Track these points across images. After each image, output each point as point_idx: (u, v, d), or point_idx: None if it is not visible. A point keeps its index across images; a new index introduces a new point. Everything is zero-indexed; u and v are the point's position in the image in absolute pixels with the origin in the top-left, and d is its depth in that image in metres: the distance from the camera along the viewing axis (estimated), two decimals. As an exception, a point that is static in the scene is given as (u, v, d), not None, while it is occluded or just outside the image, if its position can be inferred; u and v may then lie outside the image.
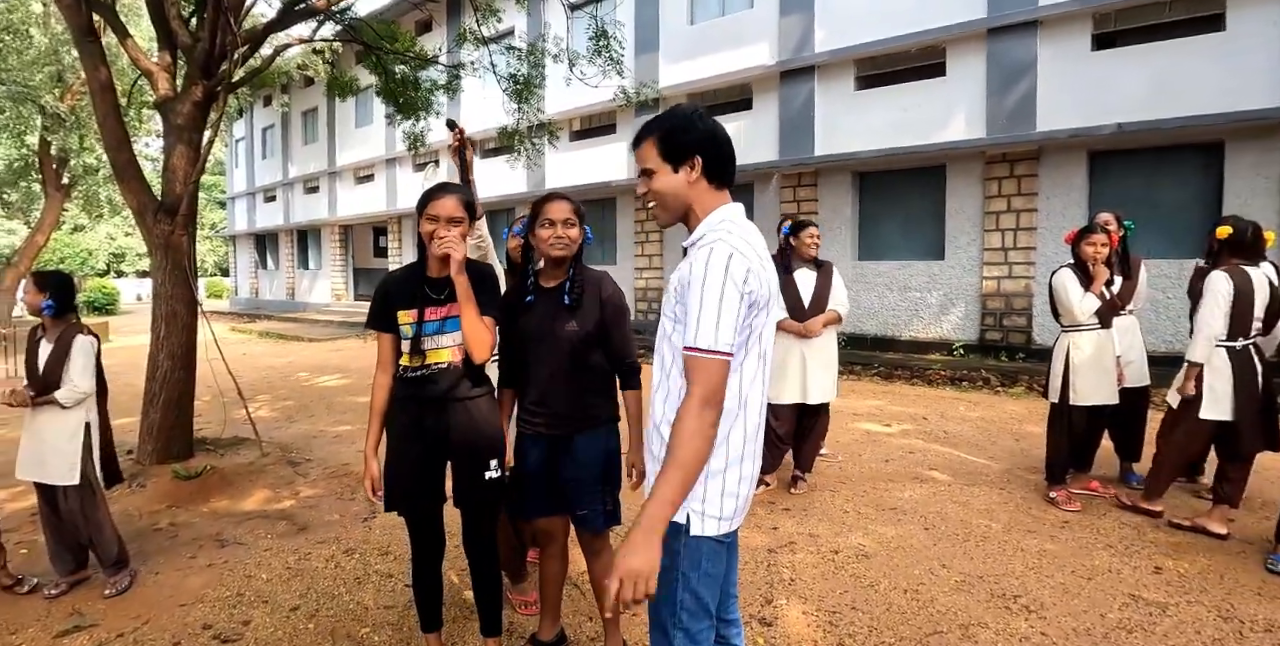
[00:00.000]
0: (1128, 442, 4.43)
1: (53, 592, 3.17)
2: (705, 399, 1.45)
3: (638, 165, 1.68)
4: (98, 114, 5.17)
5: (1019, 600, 2.96)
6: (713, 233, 1.59)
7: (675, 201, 1.64)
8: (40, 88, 15.24)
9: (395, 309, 2.29)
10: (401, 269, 2.39)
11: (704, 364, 1.46)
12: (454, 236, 2.18)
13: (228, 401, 6.21)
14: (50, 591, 3.18)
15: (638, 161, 1.68)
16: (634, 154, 1.68)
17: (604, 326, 2.31)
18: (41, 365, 3.16)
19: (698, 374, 1.46)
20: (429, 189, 2.27)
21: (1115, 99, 8.62)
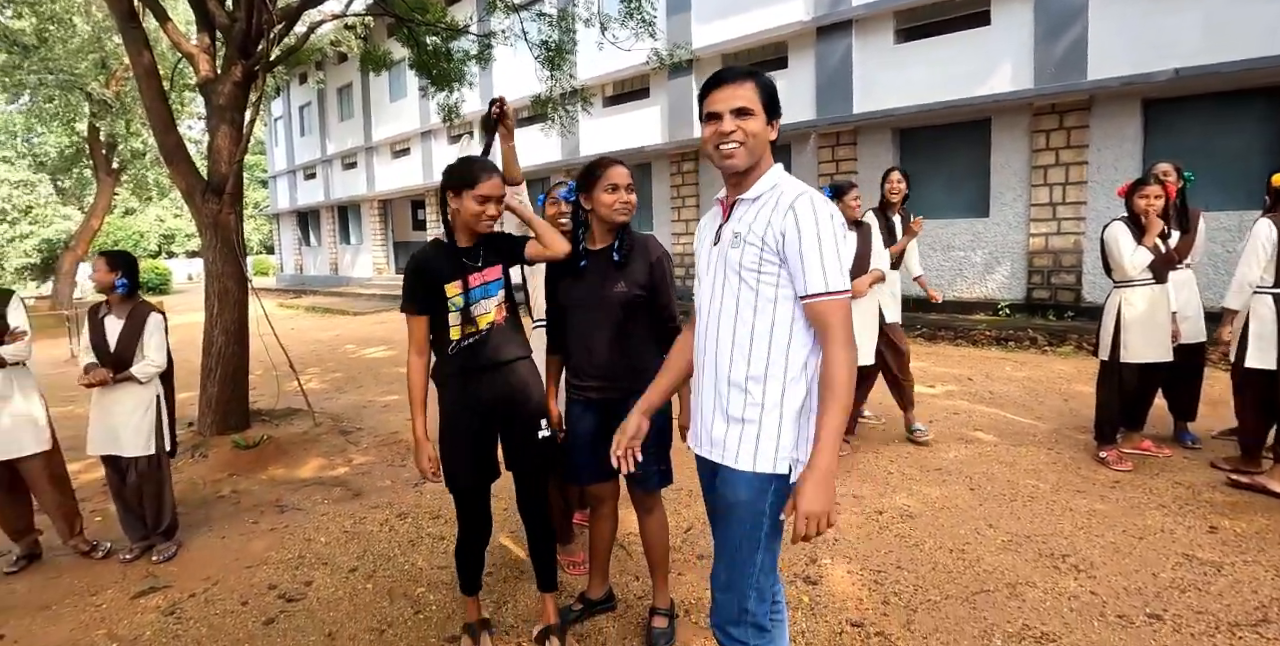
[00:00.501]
0: (1182, 401, 4.30)
1: (127, 557, 3.38)
2: (847, 340, 1.52)
3: (729, 103, 1.60)
4: (144, 98, 5.28)
5: (1067, 559, 2.94)
6: (789, 184, 1.62)
7: (758, 149, 1.62)
8: (86, 75, 15.61)
9: (441, 284, 2.30)
10: (429, 247, 2.38)
11: (838, 306, 1.53)
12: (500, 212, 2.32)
13: (280, 374, 6.42)
14: (125, 556, 3.39)
15: (733, 99, 1.59)
16: (728, 89, 1.60)
17: (652, 287, 2.33)
18: (114, 342, 3.31)
19: (835, 317, 1.53)
20: (468, 167, 2.27)
21: (1171, 43, 8.16)
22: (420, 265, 2.33)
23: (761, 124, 1.61)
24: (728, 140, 1.60)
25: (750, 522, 1.63)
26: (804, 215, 1.55)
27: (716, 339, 1.68)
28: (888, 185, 4.70)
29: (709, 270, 1.73)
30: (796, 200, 1.57)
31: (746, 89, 1.60)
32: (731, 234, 1.65)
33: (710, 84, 1.64)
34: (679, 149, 13.29)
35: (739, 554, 1.65)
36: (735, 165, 1.62)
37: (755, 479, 1.62)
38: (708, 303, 1.72)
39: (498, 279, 2.38)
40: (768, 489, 1.61)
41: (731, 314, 1.65)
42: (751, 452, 1.62)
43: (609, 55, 9.74)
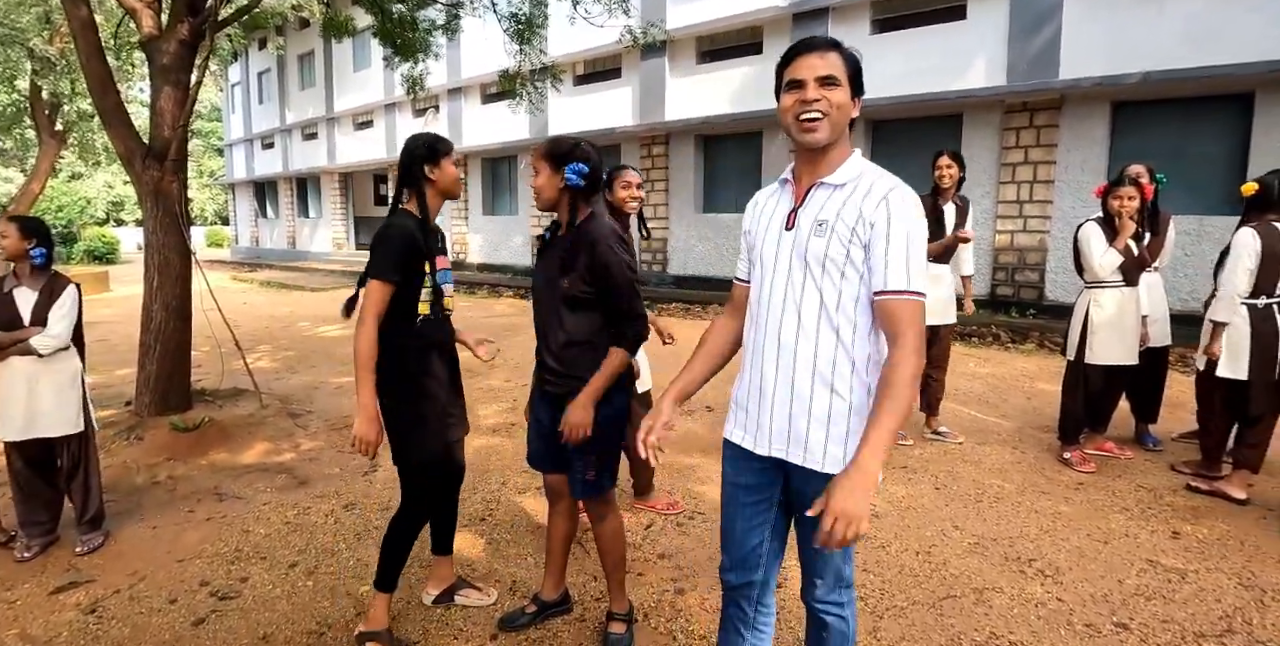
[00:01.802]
0: (1145, 403, 4.31)
1: (25, 556, 3.07)
2: (919, 345, 1.43)
3: (815, 70, 1.47)
4: (80, 55, 4.91)
5: (1034, 564, 2.90)
6: (876, 172, 1.53)
7: (840, 123, 1.51)
8: (28, 30, 14.73)
9: (425, 257, 2.29)
10: (404, 217, 2.30)
11: (916, 307, 1.44)
12: None
13: (226, 352, 6.13)
14: (23, 554, 3.08)
15: (819, 67, 1.47)
16: (814, 57, 1.48)
17: (593, 285, 2.12)
18: (28, 316, 3.04)
19: (912, 318, 1.43)
20: (436, 137, 2.34)
21: (1144, 46, 8.22)
22: (413, 235, 2.26)
23: (846, 96, 1.50)
24: (810, 110, 1.48)
25: None
26: (897, 207, 1.46)
27: (797, 333, 1.55)
28: (936, 171, 4.31)
29: (779, 258, 1.59)
30: (892, 191, 1.47)
31: (833, 58, 1.49)
32: (814, 222, 1.52)
33: (793, 51, 1.52)
34: (650, 131, 13.09)
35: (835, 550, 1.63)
36: (817, 139, 1.50)
37: None
38: (780, 294, 1.58)
39: (449, 269, 2.45)
40: None
41: (815, 307, 1.53)
42: (840, 457, 1.52)
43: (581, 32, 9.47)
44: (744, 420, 1.69)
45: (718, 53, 12.72)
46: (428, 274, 2.29)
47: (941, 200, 4.35)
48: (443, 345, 2.42)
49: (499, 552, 3.07)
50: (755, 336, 1.65)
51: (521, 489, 3.77)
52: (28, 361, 3.03)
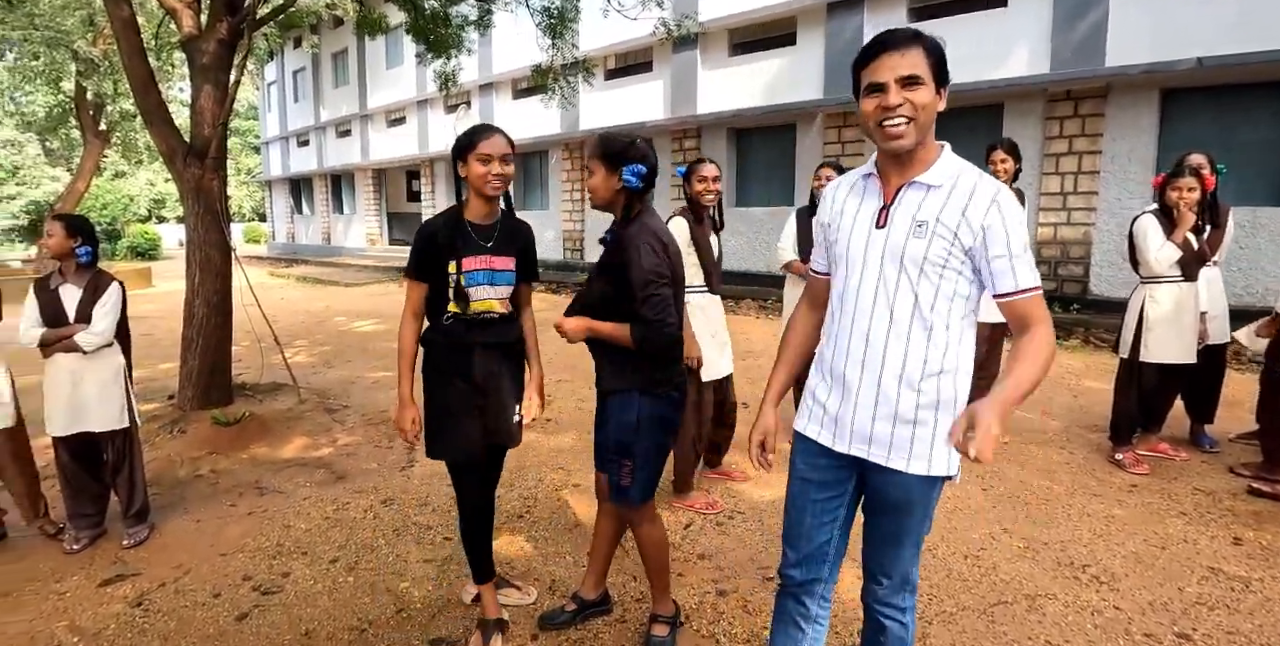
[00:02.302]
0: (1202, 403, 4.14)
1: (74, 548, 3.13)
2: (1052, 330, 1.46)
3: (895, 71, 1.41)
4: (121, 55, 4.99)
5: (1088, 569, 2.79)
6: (971, 170, 1.50)
7: (927, 123, 1.45)
8: (72, 32, 15.08)
9: (443, 257, 2.20)
10: (441, 215, 2.26)
11: (1042, 301, 1.47)
12: (509, 174, 2.20)
13: (265, 347, 6.21)
14: (72, 546, 3.14)
15: (899, 67, 1.41)
16: (893, 56, 1.42)
17: (621, 289, 2.05)
18: (73, 312, 3.08)
19: (1042, 309, 1.46)
20: (473, 129, 2.19)
21: (1196, 30, 7.91)
22: (429, 234, 2.24)
23: (931, 94, 1.43)
24: (894, 116, 1.42)
25: (919, 517, 1.61)
26: (1009, 210, 1.44)
27: (888, 334, 1.52)
28: (990, 166, 4.11)
29: (869, 257, 1.55)
30: (999, 193, 1.45)
31: (914, 55, 1.41)
32: (912, 222, 1.48)
33: (870, 50, 1.46)
34: (681, 125, 12.98)
35: (904, 545, 1.64)
36: (903, 145, 1.45)
37: (924, 481, 1.55)
38: (869, 293, 1.55)
39: (508, 271, 2.29)
40: (936, 484, 1.58)
41: (908, 309, 1.50)
42: (926, 456, 1.53)
43: (612, 26, 9.43)
44: (821, 416, 1.66)
45: (750, 44, 12.55)
46: (451, 274, 2.20)
47: None
48: (473, 347, 2.25)
49: (538, 550, 3.05)
50: (839, 335, 1.62)
51: (559, 486, 3.75)
52: (73, 358, 3.08)
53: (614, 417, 2.16)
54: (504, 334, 2.31)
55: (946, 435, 1.48)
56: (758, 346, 7.57)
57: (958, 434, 1.27)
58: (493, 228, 2.27)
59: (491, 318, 2.27)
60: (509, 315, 2.33)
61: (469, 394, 2.27)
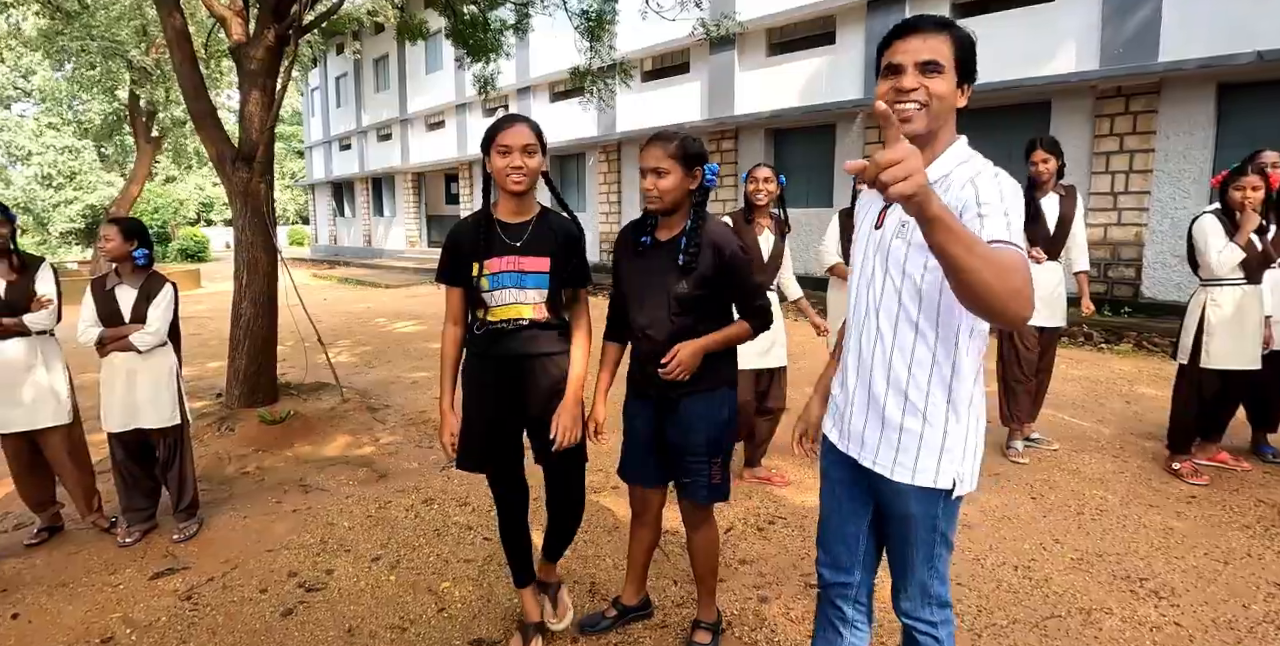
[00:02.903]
0: (1265, 411, 3.96)
1: (126, 541, 3.22)
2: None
3: (916, 54, 1.36)
4: (174, 62, 5.14)
5: (1145, 583, 2.69)
6: (977, 166, 1.40)
7: (942, 114, 1.38)
8: (127, 42, 15.60)
9: (469, 260, 2.10)
10: (469, 217, 2.19)
11: (1017, 254, 1.30)
12: (534, 167, 2.02)
13: (309, 347, 6.33)
14: (125, 539, 3.23)
15: (921, 51, 1.35)
16: (917, 39, 1.36)
17: (722, 286, 2.07)
18: (128, 313, 3.17)
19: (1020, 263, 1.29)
20: (496, 121, 2.06)
21: (1255, 23, 7.60)
22: (455, 236, 2.17)
23: (951, 85, 1.37)
24: (905, 99, 1.35)
25: (922, 530, 1.51)
26: (985, 185, 1.32)
27: (876, 338, 1.49)
28: (1032, 166, 3.99)
29: (865, 259, 1.53)
30: (979, 175, 1.35)
31: (939, 41, 1.35)
32: (898, 222, 1.42)
33: (896, 32, 1.39)
34: (719, 126, 12.92)
35: (911, 558, 1.56)
36: (912, 129, 1.37)
37: (920, 493, 1.48)
38: (863, 296, 1.53)
39: (539, 273, 2.09)
40: (936, 498, 1.48)
41: (893, 311, 1.45)
42: (910, 465, 1.46)
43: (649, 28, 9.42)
44: (835, 414, 1.66)
45: (788, 44, 12.44)
46: (474, 276, 2.08)
47: (1039, 193, 4.01)
48: (500, 358, 2.13)
49: (576, 553, 3.04)
50: (848, 335, 1.62)
51: (596, 488, 3.74)
52: (127, 357, 3.17)
53: (704, 417, 2.11)
54: (536, 343, 2.12)
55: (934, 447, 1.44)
56: (795, 350, 7.47)
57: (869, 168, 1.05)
58: (524, 226, 2.11)
59: (521, 324, 2.10)
60: (548, 323, 2.13)
61: (492, 407, 2.16)
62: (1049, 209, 4.01)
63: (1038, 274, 3.95)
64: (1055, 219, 3.99)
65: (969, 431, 1.47)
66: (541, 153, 2.05)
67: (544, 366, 2.15)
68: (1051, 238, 3.97)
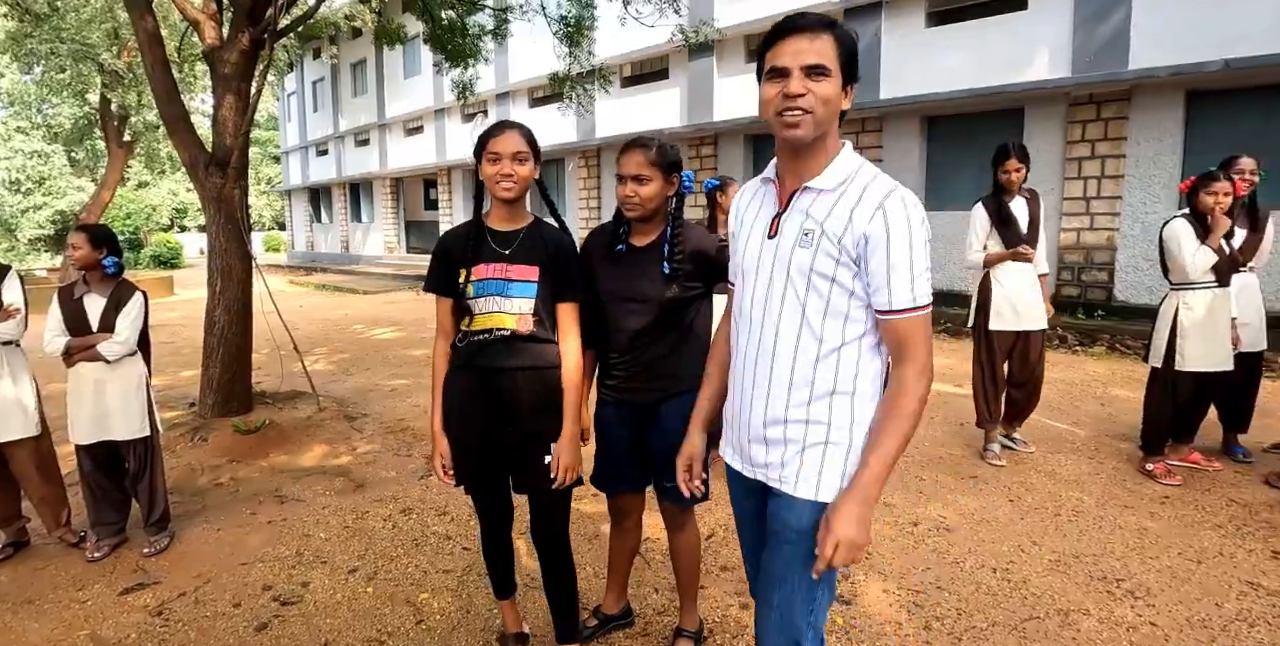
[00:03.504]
0: (1236, 412, 4.03)
1: (95, 556, 3.14)
2: (927, 364, 1.35)
3: (801, 58, 1.29)
4: (146, 66, 5.05)
5: (1121, 584, 2.72)
6: (869, 172, 1.37)
7: (829, 117, 1.33)
8: (98, 45, 15.35)
9: (458, 267, 2.04)
10: (461, 224, 2.14)
11: (923, 322, 1.34)
12: (524, 174, 1.98)
13: (285, 355, 6.25)
14: (94, 554, 3.15)
15: (806, 53, 1.29)
16: (800, 40, 1.29)
17: (709, 279, 2.09)
18: (96, 322, 3.10)
19: (919, 335, 1.34)
20: (488, 127, 2.02)
21: (1223, 32, 7.78)
22: (445, 242, 2.11)
23: (836, 88, 1.31)
24: (794, 107, 1.30)
25: (808, 551, 1.39)
26: (895, 217, 1.30)
27: (774, 351, 1.43)
28: (1004, 174, 3.95)
29: (760, 268, 1.46)
30: (887, 198, 1.31)
31: (824, 42, 1.29)
32: (800, 231, 1.38)
33: (778, 32, 1.33)
34: (698, 133, 12.98)
35: (799, 588, 1.43)
36: (800, 136, 1.32)
37: (819, 508, 1.40)
38: (760, 306, 1.46)
39: (526, 282, 2.01)
40: None
41: (795, 324, 1.40)
42: (814, 479, 1.41)
43: (628, 34, 9.44)
44: (733, 438, 1.59)
45: (766, 51, 12.54)
46: (461, 283, 2.02)
47: (1007, 197, 4.01)
48: (479, 370, 2.04)
49: (556, 561, 3.01)
50: (735, 350, 1.55)
51: (578, 496, 3.69)
52: (95, 367, 3.10)
53: (686, 419, 1.97)
54: (520, 355, 2.01)
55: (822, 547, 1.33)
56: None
57: (825, 551, 1.29)
58: (515, 234, 2.05)
59: (503, 335, 2.01)
60: (532, 336, 2.02)
61: (472, 421, 2.07)
62: (1019, 212, 4.00)
63: (1014, 280, 4.01)
64: (1026, 221, 4.00)
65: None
66: (534, 160, 2.01)
67: (526, 380, 2.03)
68: (1025, 239, 3.98)
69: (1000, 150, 4.00)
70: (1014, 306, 3.99)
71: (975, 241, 4.08)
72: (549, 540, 2.19)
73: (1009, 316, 4.00)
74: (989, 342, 4.10)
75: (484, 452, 2.10)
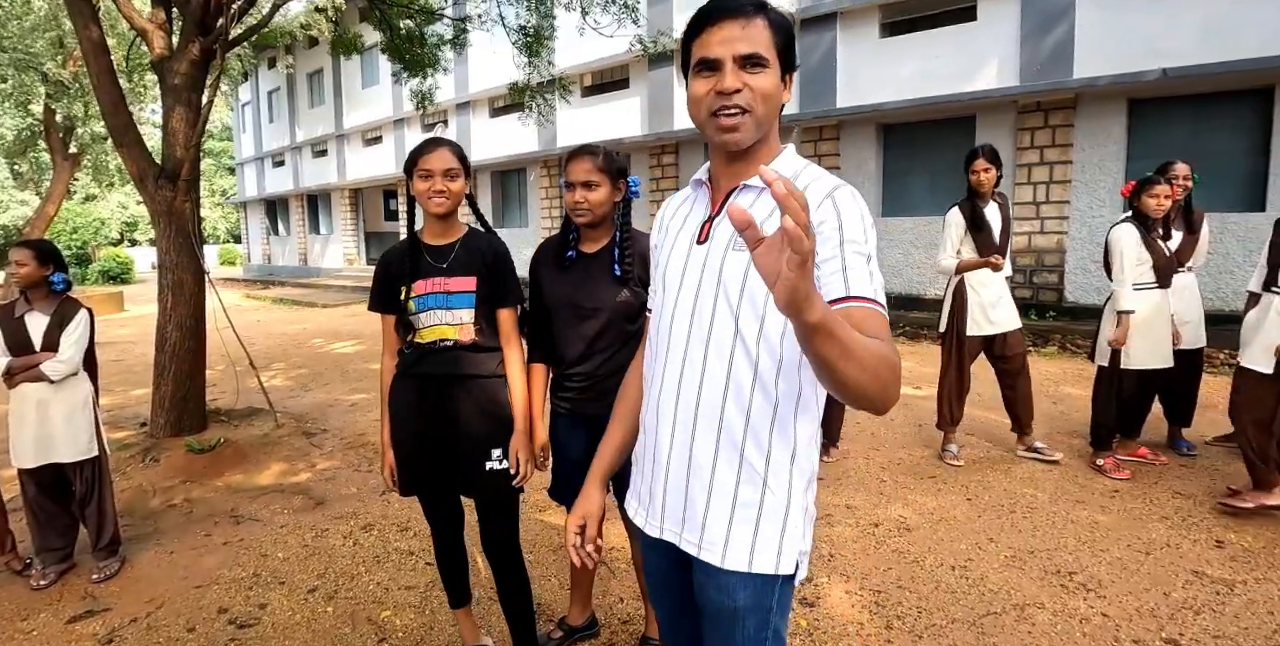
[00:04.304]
0: (1179, 407, 4.19)
1: (41, 583, 3.02)
2: (895, 351, 1.01)
3: (733, 46, 1.10)
4: (91, 76, 4.92)
5: (1074, 577, 2.79)
6: (814, 172, 1.19)
7: (769, 117, 1.15)
8: (42, 55, 14.94)
9: (398, 284, 2.09)
10: (398, 243, 2.19)
11: (883, 320, 1.06)
12: (456, 190, 2.03)
13: (240, 371, 6.11)
14: (39, 582, 3.03)
15: (738, 41, 1.10)
16: (731, 26, 1.11)
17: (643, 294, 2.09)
18: (39, 341, 3.00)
19: (884, 328, 1.05)
20: (417, 145, 2.07)
21: (1161, 42, 8.11)
22: (386, 260, 2.17)
23: (775, 80, 1.13)
24: (729, 105, 1.11)
25: (755, 627, 1.19)
26: (847, 207, 1.11)
27: (702, 375, 1.18)
28: (974, 175, 3.97)
29: (686, 278, 1.22)
30: (837, 190, 1.13)
31: (758, 28, 1.10)
32: (734, 233, 1.15)
33: (705, 17, 1.13)
34: (659, 141, 13.07)
35: None
36: (739, 140, 1.14)
37: (755, 579, 1.17)
38: (684, 324, 1.21)
39: (465, 292, 2.06)
40: (774, 586, 1.18)
41: (728, 341, 1.15)
42: (748, 545, 1.16)
43: (588, 44, 9.48)
44: (639, 487, 1.33)
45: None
46: (403, 300, 2.07)
47: (981, 202, 4.01)
48: (423, 378, 2.09)
49: (521, 573, 2.99)
50: (651, 382, 1.28)
51: (541, 507, 3.69)
52: (39, 387, 3.00)
53: None
54: (462, 365, 2.07)
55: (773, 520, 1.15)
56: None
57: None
58: (450, 247, 2.10)
59: (446, 346, 2.07)
60: (475, 345, 2.08)
61: (415, 429, 2.10)
62: (992, 218, 4.02)
63: (986, 285, 4.04)
64: (999, 227, 4.03)
65: (809, 499, 1.20)
66: (465, 176, 2.07)
67: (471, 388, 2.09)
68: (998, 246, 4.00)
69: (970, 152, 4.02)
70: (987, 311, 4.03)
71: (950, 246, 4.08)
72: (497, 545, 2.20)
73: (982, 321, 4.04)
74: (959, 347, 4.13)
75: (428, 459, 2.12)
